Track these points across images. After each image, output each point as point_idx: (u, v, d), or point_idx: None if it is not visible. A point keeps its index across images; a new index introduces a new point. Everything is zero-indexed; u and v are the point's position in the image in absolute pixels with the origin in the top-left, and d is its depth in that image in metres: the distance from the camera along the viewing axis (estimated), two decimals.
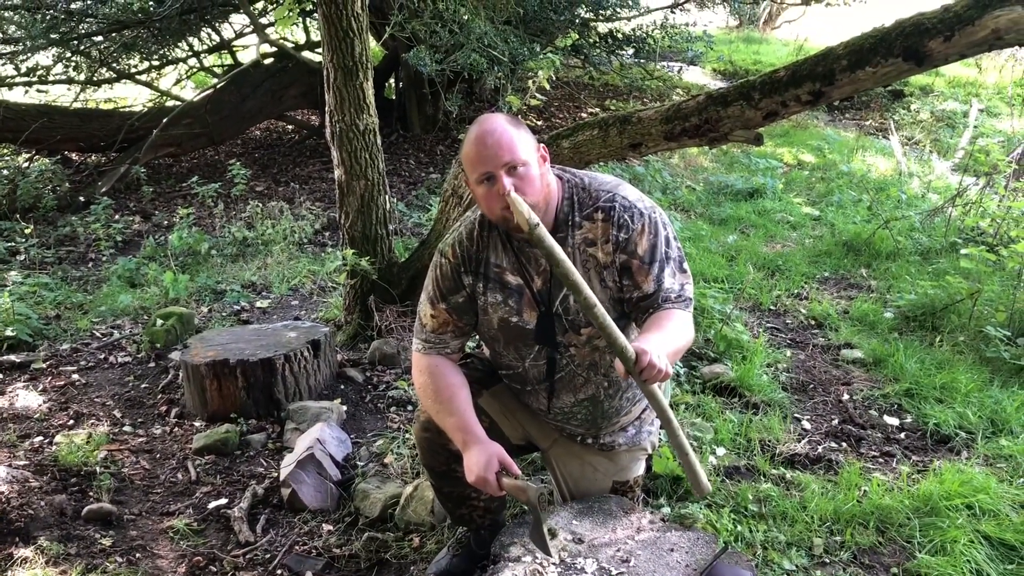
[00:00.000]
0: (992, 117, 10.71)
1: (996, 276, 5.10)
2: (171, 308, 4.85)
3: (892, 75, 2.63)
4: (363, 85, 4.17)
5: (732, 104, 2.98)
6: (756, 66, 13.84)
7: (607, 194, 2.26)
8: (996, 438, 3.61)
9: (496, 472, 2.20)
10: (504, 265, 2.32)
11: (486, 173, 2.12)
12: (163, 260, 6.04)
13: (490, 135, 2.12)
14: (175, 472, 3.52)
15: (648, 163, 8.25)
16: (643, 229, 2.23)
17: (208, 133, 8.76)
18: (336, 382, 4.14)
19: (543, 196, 2.19)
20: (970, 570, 2.68)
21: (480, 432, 2.28)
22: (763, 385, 4.02)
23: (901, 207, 7.07)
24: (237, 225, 6.51)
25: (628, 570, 2.18)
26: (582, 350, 2.33)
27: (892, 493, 3.14)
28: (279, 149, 9.79)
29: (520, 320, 2.32)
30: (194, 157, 9.41)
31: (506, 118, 2.18)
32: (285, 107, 9.70)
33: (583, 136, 3.42)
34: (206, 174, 8.21)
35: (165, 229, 6.96)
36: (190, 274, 5.67)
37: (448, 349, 2.40)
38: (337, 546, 2.99)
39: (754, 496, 3.10)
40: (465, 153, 2.19)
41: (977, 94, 11.86)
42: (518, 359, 2.40)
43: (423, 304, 2.42)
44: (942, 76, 12.79)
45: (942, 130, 10.30)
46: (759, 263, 5.97)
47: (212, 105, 8.76)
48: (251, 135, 10.24)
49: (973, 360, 4.33)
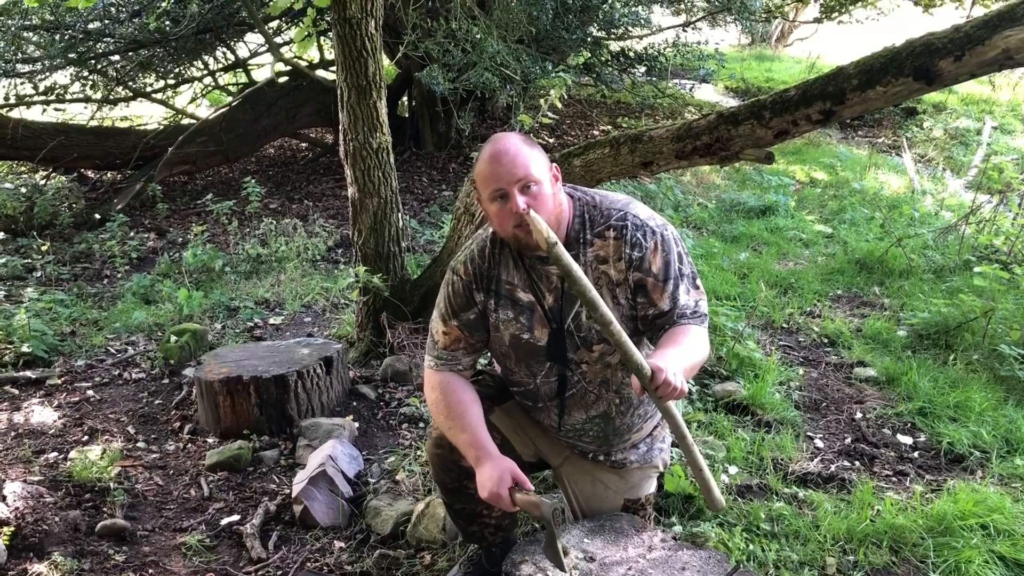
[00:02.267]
0: (1006, 134, 10.69)
1: (1010, 294, 5.07)
2: (185, 325, 4.89)
3: (903, 94, 2.64)
4: (376, 104, 4.21)
5: (743, 123, 3.00)
6: (768, 84, 13.87)
7: (619, 212, 2.28)
8: (1011, 457, 3.58)
9: (509, 488, 2.20)
10: (515, 282, 2.33)
11: (499, 191, 2.14)
12: (177, 277, 6.09)
13: (504, 154, 2.14)
14: (188, 488, 3.54)
15: (660, 180, 8.26)
16: (656, 247, 2.25)
17: (223, 151, 8.84)
18: (348, 399, 4.16)
19: (555, 215, 2.21)
20: None
21: (492, 448, 2.28)
22: (775, 403, 4.01)
23: (914, 225, 7.06)
24: (251, 242, 6.55)
25: None
26: (594, 367, 2.34)
27: (906, 512, 3.11)
28: (293, 167, 9.86)
29: (531, 337, 2.33)
30: (209, 175, 9.49)
31: (520, 137, 2.20)
32: (299, 125, 9.78)
33: (594, 154, 3.44)
34: (220, 191, 8.28)
35: (180, 246, 7.01)
36: (204, 291, 5.70)
37: (460, 366, 2.41)
38: (348, 563, 2.99)
39: (766, 515, 3.09)
40: (479, 171, 2.21)
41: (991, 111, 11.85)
42: (529, 376, 2.41)
43: (435, 321, 2.43)
44: (955, 94, 12.78)
45: (955, 147, 10.28)
46: (771, 281, 5.96)
47: (227, 123, 8.84)
48: (265, 153, 10.33)
49: (987, 379, 4.30)
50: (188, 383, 4.36)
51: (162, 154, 8.24)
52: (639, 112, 11.27)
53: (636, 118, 11.02)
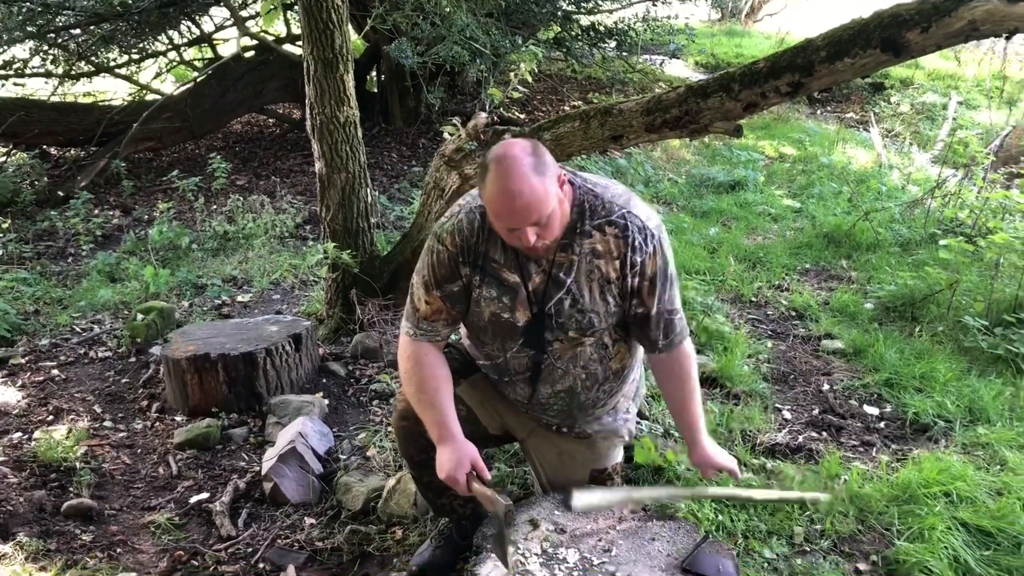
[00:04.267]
0: (971, 109, 10.79)
1: (974, 267, 5.14)
2: (152, 303, 4.83)
3: (870, 66, 2.64)
4: (343, 77, 4.16)
5: (712, 96, 2.99)
6: (738, 59, 13.86)
7: (620, 209, 2.23)
8: (974, 426, 3.64)
9: (467, 473, 2.22)
10: (503, 261, 2.28)
11: (511, 228, 2.11)
12: (143, 255, 6.01)
13: (518, 196, 2.03)
14: (156, 467, 3.51)
15: (630, 156, 8.26)
16: (655, 252, 2.24)
17: (188, 127, 8.70)
18: (318, 376, 4.13)
19: (562, 227, 2.18)
20: (948, 556, 2.71)
21: (457, 430, 2.28)
22: (744, 376, 4.04)
23: (881, 199, 7.11)
24: (218, 219, 6.47)
25: (610, 559, 2.19)
26: (566, 345, 2.33)
27: (872, 482, 3.16)
28: (260, 143, 9.74)
29: (511, 317, 2.31)
30: (174, 151, 9.35)
31: (532, 166, 2.05)
32: (266, 100, 9.65)
33: (564, 128, 3.42)
34: (187, 168, 8.16)
35: (145, 224, 6.91)
36: (171, 268, 5.63)
37: (439, 337, 2.38)
38: (319, 539, 2.99)
39: (735, 485, 3.11)
40: (489, 199, 2.10)
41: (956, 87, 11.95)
42: (500, 351, 2.40)
43: (417, 287, 2.37)
44: (922, 69, 12.87)
45: (922, 122, 10.36)
46: (740, 255, 5.99)
47: (192, 99, 8.70)
48: (232, 129, 10.18)
49: (952, 350, 4.36)
50: (155, 361, 4.31)
51: (126, 130, 8.09)
52: (609, 88, 11.24)
53: (607, 94, 10.98)
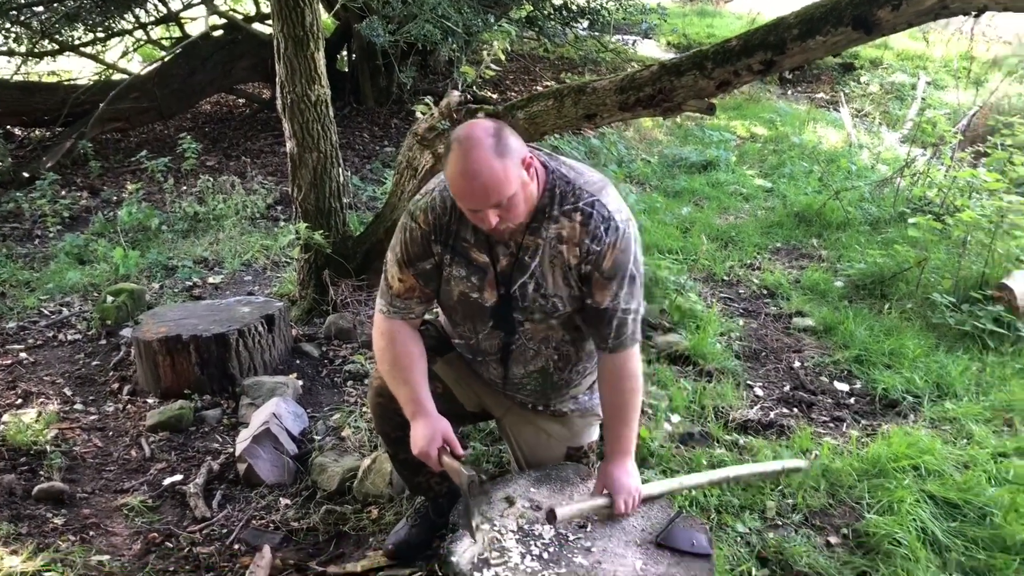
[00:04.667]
0: (939, 89, 10.89)
1: (942, 244, 5.21)
2: (121, 284, 4.77)
3: (842, 44, 2.66)
4: (314, 55, 4.12)
5: (685, 74, 3.00)
6: (710, 39, 13.86)
7: (590, 197, 2.21)
8: (941, 402, 3.71)
9: (439, 448, 2.22)
10: (472, 241, 2.28)
11: (471, 208, 2.10)
12: (112, 236, 5.93)
13: (476, 176, 2.02)
14: (128, 449, 3.48)
15: (604, 136, 8.26)
16: (614, 244, 2.19)
17: (157, 107, 8.57)
18: (291, 357, 4.11)
19: (528, 209, 2.16)
20: (916, 528, 2.76)
21: (430, 406, 2.29)
22: (716, 353, 4.08)
23: (851, 178, 7.18)
24: (188, 200, 6.40)
25: (585, 535, 2.20)
26: (537, 327, 2.33)
27: (842, 456, 3.21)
28: (230, 123, 9.62)
29: (480, 297, 2.31)
30: (142, 131, 9.21)
31: (492, 147, 2.04)
32: (235, 80, 9.53)
33: (538, 107, 3.42)
34: (155, 149, 8.04)
35: (114, 205, 6.82)
36: (140, 250, 5.57)
37: (413, 315, 2.38)
38: (295, 520, 2.99)
39: (708, 462, 3.15)
40: (450, 178, 2.10)
41: (925, 67, 12.05)
42: (472, 332, 2.40)
43: (391, 265, 2.36)
44: (891, 49, 12.96)
45: (891, 102, 10.45)
46: (713, 234, 6.02)
47: (160, 78, 8.56)
48: (201, 109, 10.05)
49: (920, 326, 4.43)
50: (126, 343, 4.27)
51: (93, 110, 7.96)
52: (582, 67, 11.21)
53: (579, 73, 10.94)
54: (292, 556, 2.81)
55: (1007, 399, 3.65)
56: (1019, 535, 2.72)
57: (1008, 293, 4.32)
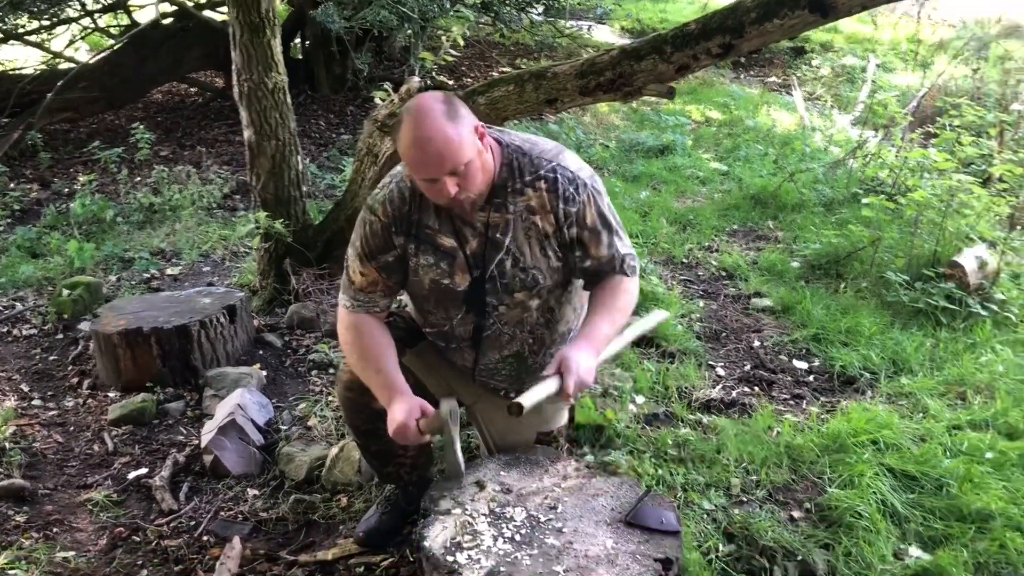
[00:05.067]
0: (888, 72, 11.06)
1: (895, 224, 5.30)
2: (77, 278, 4.69)
3: (799, 27, 2.70)
4: (271, 42, 4.08)
5: (645, 58, 3.02)
6: (663, 24, 13.91)
7: (549, 163, 2.24)
8: (897, 377, 3.80)
9: (416, 419, 2.21)
10: (437, 227, 2.28)
11: (428, 178, 2.10)
12: (66, 229, 5.81)
13: (430, 143, 2.03)
14: (91, 444, 3.44)
15: (562, 121, 8.28)
16: (589, 200, 2.24)
17: (107, 97, 8.39)
18: (254, 347, 4.08)
19: (485, 180, 2.17)
20: (876, 501, 2.84)
21: (405, 387, 2.28)
22: (678, 335, 4.13)
23: (805, 160, 7.27)
24: (143, 191, 6.29)
25: (556, 516, 2.23)
26: (512, 311, 2.35)
27: (803, 433, 3.28)
28: (182, 112, 9.47)
29: (451, 283, 2.31)
30: (93, 122, 9.02)
31: (443, 113, 2.06)
32: (187, 69, 9.35)
33: (499, 92, 3.42)
34: (107, 139, 7.88)
35: (66, 197, 6.68)
36: (95, 242, 5.47)
37: (377, 308, 2.38)
38: (263, 510, 2.98)
39: (673, 441, 3.20)
40: (404, 150, 2.10)
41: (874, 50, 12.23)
42: (445, 318, 2.40)
43: (352, 259, 2.37)
44: (841, 33, 13.12)
45: (842, 85, 10.59)
46: (671, 218, 6.08)
47: (110, 68, 8.38)
48: (152, 98, 9.87)
49: (875, 304, 4.52)
50: (84, 337, 4.20)
51: (40, 100, 7.75)
52: (537, 53, 11.21)
53: (534, 59, 10.94)
54: (262, 546, 2.81)
55: (960, 373, 3.75)
56: (974, 504, 2.82)
57: (959, 270, 4.43)
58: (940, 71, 8.98)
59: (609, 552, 2.10)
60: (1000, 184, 5.44)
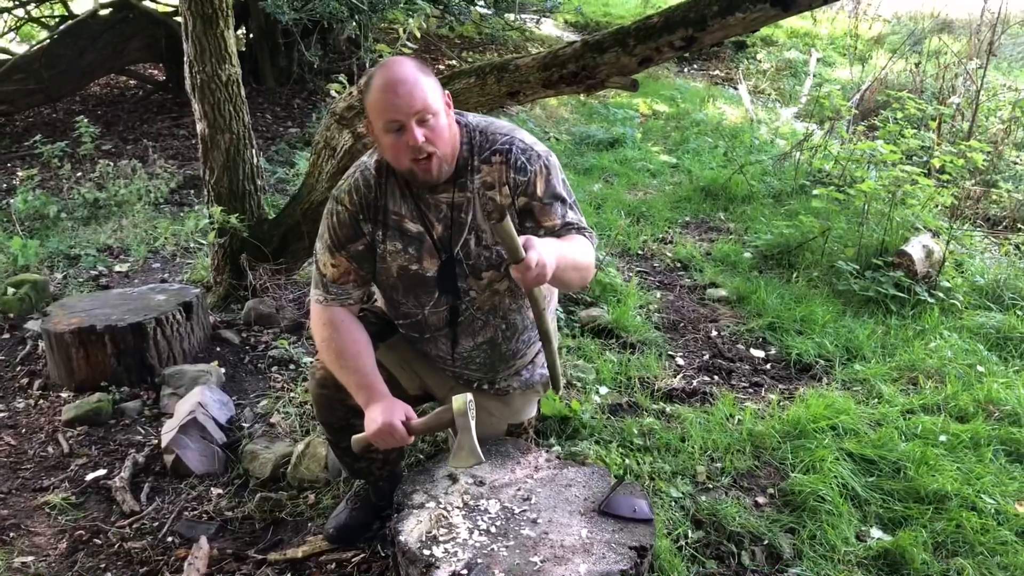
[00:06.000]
0: (828, 66, 11.29)
1: (843, 215, 5.43)
2: (22, 276, 4.56)
3: (760, 20, 2.73)
4: (224, 34, 4.00)
5: (608, 51, 3.03)
6: (606, 18, 14.01)
7: (504, 137, 2.28)
8: (851, 364, 3.90)
9: (402, 421, 2.19)
10: (403, 212, 2.30)
11: (395, 122, 2.09)
12: (7, 225, 5.64)
13: (402, 83, 2.07)
14: (45, 446, 3.34)
15: (516, 115, 8.28)
16: (541, 170, 2.26)
17: (44, 89, 8.16)
18: (211, 344, 4.01)
19: (452, 145, 2.19)
20: (837, 484, 2.91)
21: (384, 389, 2.26)
22: (638, 326, 4.17)
23: (753, 152, 7.40)
24: (87, 186, 6.13)
25: (530, 507, 2.24)
26: (482, 295, 2.35)
27: (764, 420, 3.34)
28: (123, 105, 9.24)
29: (420, 268, 2.31)
30: (29, 115, 8.76)
31: (414, 63, 2.14)
32: (127, 61, 9.12)
33: (460, 84, 3.40)
34: (46, 133, 7.64)
35: (5, 192, 6.49)
36: (39, 239, 5.31)
37: (351, 300, 2.37)
38: (229, 509, 2.93)
39: (638, 430, 3.24)
40: (371, 100, 2.13)
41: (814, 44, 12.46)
42: (417, 307, 2.40)
43: (321, 253, 2.36)
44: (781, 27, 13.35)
45: (785, 79, 10.78)
46: (624, 210, 6.13)
47: (47, 59, 8.14)
48: (91, 91, 9.61)
49: (827, 293, 4.62)
50: (32, 337, 4.08)
51: None
52: (483, 46, 11.19)
53: (481, 52, 10.93)
54: (229, 545, 2.76)
55: (911, 359, 3.86)
56: (931, 486, 2.90)
57: (907, 259, 4.55)
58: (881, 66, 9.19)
59: (584, 541, 2.12)
60: (943, 175, 5.60)
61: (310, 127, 7.68)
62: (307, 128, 7.79)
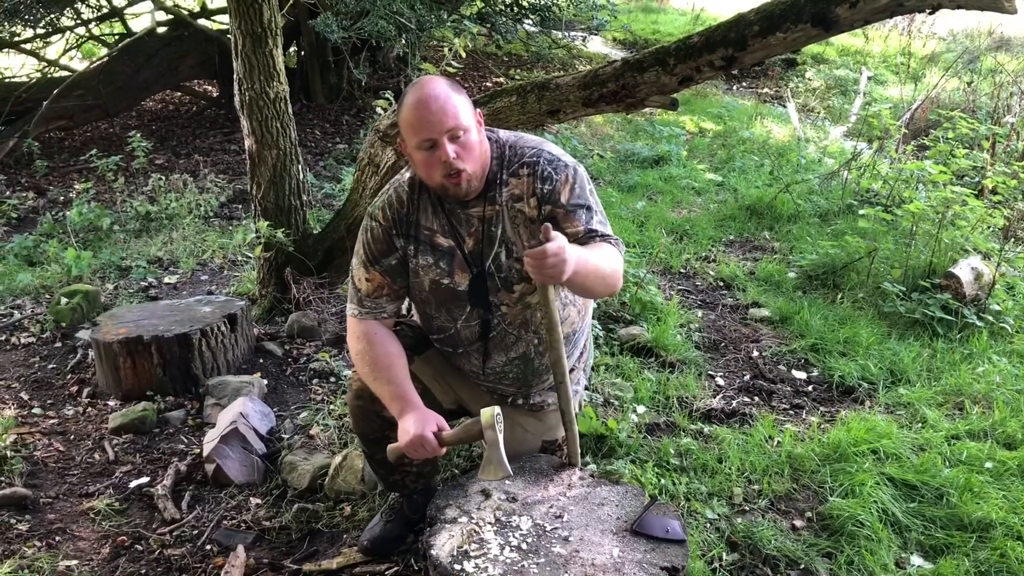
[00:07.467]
0: (879, 84, 11.15)
1: (890, 235, 5.34)
2: (75, 286, 4.68)
3: (801, 40, 2.73)
4: (272, 52, 4.10)
5: (648, 70, 3.04)
6: (655, 35, 14.01)
7: (532, 150, 2.32)
8: (895, 387, 3.83)
9: (434, 432, 2.22)
10: (435, 227, 2.34)
11: (428, 140, 2.13)
12: (62, 237, 5.80)
13: (434, 100, 2.12)
14: (92, 453, 3.43)
15: (559, 132, 8.31)
16: (567, 179, 2.29)
17: (102, 105, 8.41)
18: (255, 356, 4.08)
19: (482, 162, 2.22)
20: (877, 510, 2.85)
21: (418, 401, 2.30)
22: (678, 345, 4.15)
23: (800, 171, 7.32)
24: (139, 199, 6.29)
25: (562, 525, 2.24)
26: (514, 308, 2.37)
27: (803, 442, 3.30)
28: (177, 121, 9.47)
29: (451, 282, 2.35)
30: (87, 130, 9.03)
31: (446, 81, 2.19)
32: (182, 77, 9.39)
33: (501, 103, 3.44)
34: (102, 147, 7.88)
35: (62, 205, 6.68)
36: (92, 251, 5.46)
37: (385, 313, 2.41)
38: (266, 519, 2.98)
39: (675, 450, 3.21)
40: (405, 118, 2.18)
41: (865, 62, 12.32)
42: (450, 321, 2.42)
43: (356, 268, 2.41)
44: (833, 45, 13.22)
45: (835, 97, 10.67)
46: (667, 228, 6.10)
47: (105, 76, 8.40)
48: (147, 107, 9.88)
49: (872, 315, 4.55)
50: (83, 346, 4.19)
51: (35, 108, 7.77)
52: (532, 64, 11.25)
53: (528, 70, 10.99)
54: (266, 555, 2.81)
55: (957, 384, 3.78)
56: (974, 514, 2.84)
57: (955, 281, 4.46)
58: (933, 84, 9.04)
59: (615, 561, 2.11)
60: (994, 196, 5.49)
61: (358, 143, 7.79)
62: (355, 144, 7.91)
